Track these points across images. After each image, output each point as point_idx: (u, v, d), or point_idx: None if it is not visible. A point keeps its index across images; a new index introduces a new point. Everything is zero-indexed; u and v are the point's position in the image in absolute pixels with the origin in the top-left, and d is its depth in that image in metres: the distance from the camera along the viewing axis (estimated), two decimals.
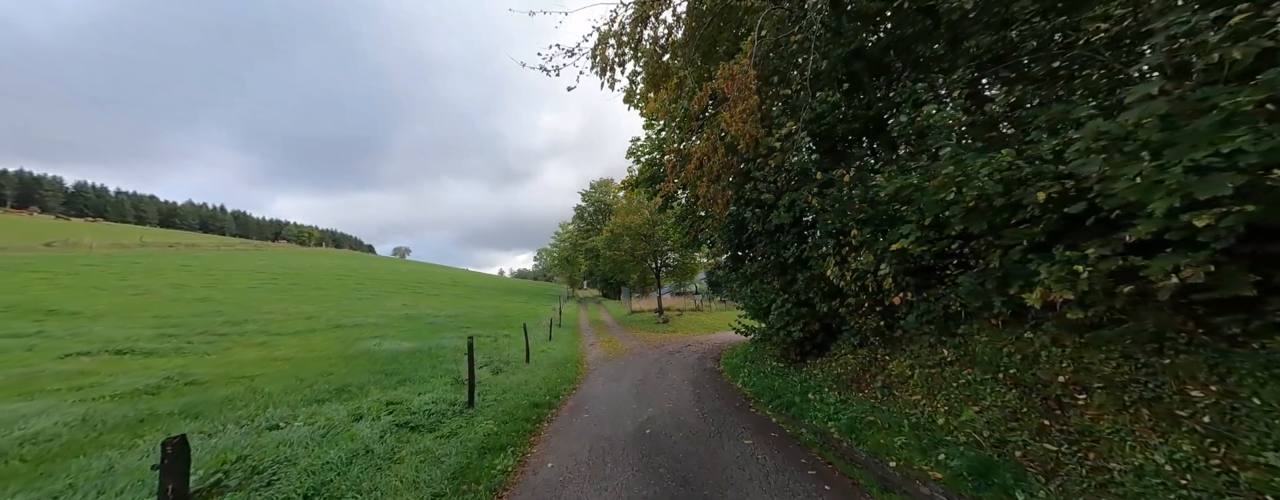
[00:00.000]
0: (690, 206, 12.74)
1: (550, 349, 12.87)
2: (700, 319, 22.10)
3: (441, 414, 5.49)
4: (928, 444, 3.50)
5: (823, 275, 5.93)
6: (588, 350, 13.02)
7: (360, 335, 12.61)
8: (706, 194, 5.51)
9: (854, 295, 5.52)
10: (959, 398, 3.72)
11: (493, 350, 11.39)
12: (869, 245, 4.86)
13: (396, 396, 6.38)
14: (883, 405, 4.42)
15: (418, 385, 7.24)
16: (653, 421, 5.32)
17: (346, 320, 15.10)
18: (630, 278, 29.27)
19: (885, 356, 5.10)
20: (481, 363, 9.44)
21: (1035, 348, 3.37)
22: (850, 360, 5.74)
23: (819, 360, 6.62)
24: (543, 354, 11.79)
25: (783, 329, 6.80)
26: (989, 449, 3.09)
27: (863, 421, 4.29)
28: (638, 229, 23.37)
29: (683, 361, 10.34)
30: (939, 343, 4.37)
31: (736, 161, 5.52)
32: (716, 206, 5.60)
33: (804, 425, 4.79)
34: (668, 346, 13.42)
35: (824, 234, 5.58)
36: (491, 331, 15.12)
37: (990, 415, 3.32)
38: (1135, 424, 2.49)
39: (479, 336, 13.66)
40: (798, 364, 7.01)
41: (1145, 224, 2.27)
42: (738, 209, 7.01)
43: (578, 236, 48.60)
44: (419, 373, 8.20)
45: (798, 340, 6.77)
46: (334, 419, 5.21)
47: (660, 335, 16.62)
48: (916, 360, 4.51)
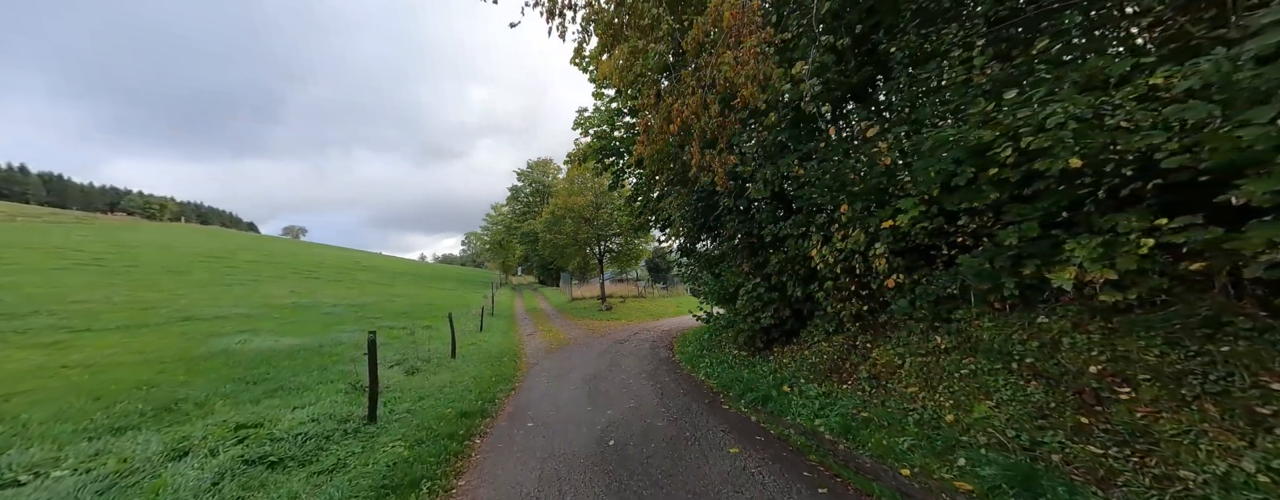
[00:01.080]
0: (644, 185, 11.87)
1: (482, 341, 11.44)
2: (644, 306, 21.65)
3: (325, 437, 4.11)
4: (941, 447, 3.07)
5: (800, 256, 5.45)
6: (526, 341, 11.79)
7: (220, 330, 10.03)
8: (698, 162, 4.64)
9: (834, 278, 5.10)
10: (965, 391, 3.36)
11: (408, 346, 9.70)
12: (861, 222, 4.38)
13: (257, 414, 4.77)
14: (874, 399, 4.00)
15: (295, 396, 5.60)
16: (615, 428, 4.47)
17: (203, 311, 12.08)
18: (570, 263, 27.93)
19: (867, 344, 4.74)
20: (392, 361, 7.88)
21: (1053, 334, 3.06)
22: (825, 348, 5.36)
23: (787, 348, 6.23)
24: (472, 347, 10.36)
25: (751, 315, 6.30)
26: (1019, 452, 2.70)
27: (856, 419, 3.84)
28: (581, 211, 22.07)
29: (634, 351, 9.61)
30: (931, 329, 4.03)
31: (733, 120, 4.70)
32: (717, 175, 4.75)
33: (788, 424, 4.25)
34: (615, 335, 12.65)
35: (806, 210, 5.05)
36: (408, 323, 13.16)
37: (1011, 411, 2.95)
38: (1204, 423, 2.17)
39: (391, 329, 11.76)
40: (763, 352, 6.58)
41: (1261, 183, 1.85)
42: (708, 182, 6.29)
43: (513, 219, 45.59)
44: (301, 378, 6.46)
45: (765, 327, 6.32)
46: (136, 458, 3.61)
47: (605, 323, 15.80)
48: (906, 348, 4.15)
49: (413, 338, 10.70)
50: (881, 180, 4.20)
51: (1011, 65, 3.53)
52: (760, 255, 6.27)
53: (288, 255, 37.15)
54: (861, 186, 4.36)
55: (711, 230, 7.34)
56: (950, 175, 3.61)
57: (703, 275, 7.62)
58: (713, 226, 7.14)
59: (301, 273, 26.30)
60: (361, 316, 13.81)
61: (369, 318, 13.67)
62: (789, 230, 5.31)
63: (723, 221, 6.56)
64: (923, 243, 4.13)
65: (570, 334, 13.04)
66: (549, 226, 24.27)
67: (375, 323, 12.66)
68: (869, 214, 4.41)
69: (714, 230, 7.24)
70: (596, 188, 22.85)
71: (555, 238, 23.74)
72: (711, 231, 7.38)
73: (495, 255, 49.67)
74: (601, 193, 22.88)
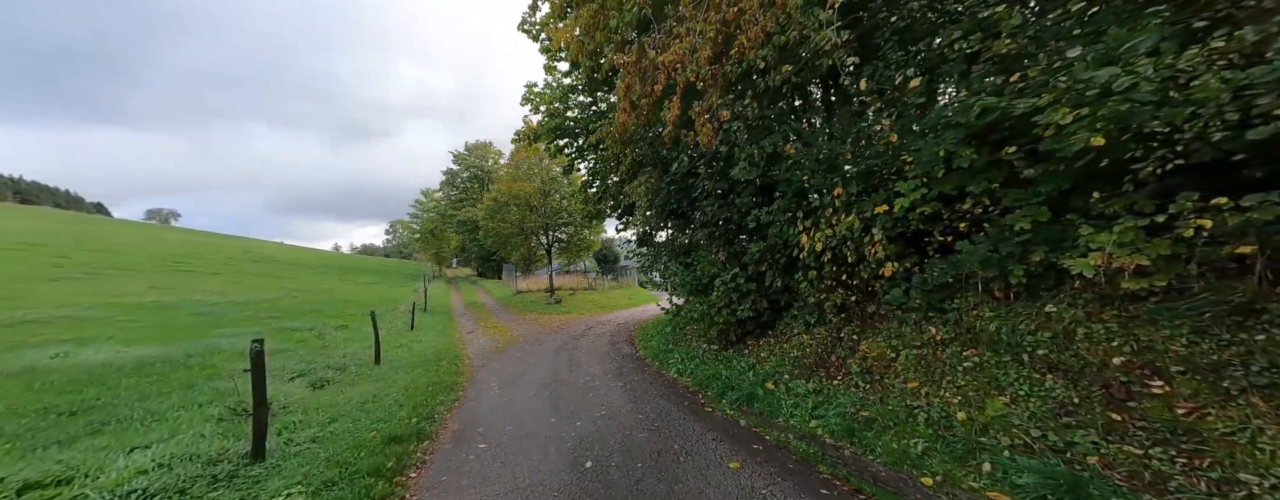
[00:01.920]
0: (602, 169, 11.07)
1: (414, 342, 10.09)
2: (595, 298, 20.94)
3: (181, 491, 2.97)
4: (961, 450, 2.83)
5: (782, 244, 5.12)
6: (468, 341, 10.61)
7: (29, 338, 7.63)
8: (676, 116, 3.99)
9: (818, 267, 4.83)
10: (974, 386, 3.17)
11: (316, 351, 8.16)
12: (856, 206, 4.09)
13: (65, 465, 3.29)
14: (872, 396, 3.75)
15: (138, 431, 4.15)
16: (589, 445, 3.82)
17: (4, 315, 9.17)
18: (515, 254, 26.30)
19: (854, 336, 4.52)
20: (293, 371, 6.50)
21: (1066, 324, 2.93)
22: (806, 341, 5.11)
23: (762, 341, 5.95)
24: (402, 350, 9.05)
25: (727, 307, 5.91)
26: (1049, 455, 2.50)
27: (857, 419, 3.55)
28: (527, 198, 20.65)
29: (593, 348, 8.95)
30: (925, 320, 3.86)
31: (730, 68, 4.10)
32: (703, 135, 4.14)
33: (782, 427, 3.89)
34: (568, 330, 11.86)
35: (793, 194, 4.69)
36: (316, 323, 11.29)
37: (1031, 408, 2.77)
38: (1257, 420, 2.04)
39: (292, 332, 9.97)
40: (737, 346, 6.26)
41: None
42: (688, 160, 5.73)
43: (448, 206, 42.12)
44: (152, 403, 4.93)
45: (741, 320, 5.98)
46: None
47: (556, 317, 14.90)
48: (900, 340, 3.96)
49: (323, 341, 9.07)
50: (878, 161, 3.92)
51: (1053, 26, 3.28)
52: (737, 243, 5.89)
53: (149, 243, 30.97)
54: (858, 167, 4.06)
55: (682, 217, 6.84)
56: (952, 156, 3.38)
57: (671, 266, 7.13)
58: (685, 213, 6.64)
59: (168, 264, 21.96)
60: (251, 316, 11.60)
61: (262, 317, 11.52)
62: (775, 216, 4.94)
63: (698, 206, 6.07)
64: (917, 229, 3.93)
65: (518, 330, 12.02)
66: (491, 214, 22.52)
67: (270, 323, 10.68)
68: (863, 198, 4.13)
69: (686, 217, 6.74)
70: (543, 173, 21.51)
71: (498, 226, 22.08)
72: (682, 218, 6.88)
73: (427, 245, 45.65)
74: (549, 179, 21.60)
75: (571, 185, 21.57)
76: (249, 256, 33.50)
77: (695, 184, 5.93)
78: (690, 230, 6.39)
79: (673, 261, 7.23)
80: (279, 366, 6.76)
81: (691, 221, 6.52)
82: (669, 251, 7.42)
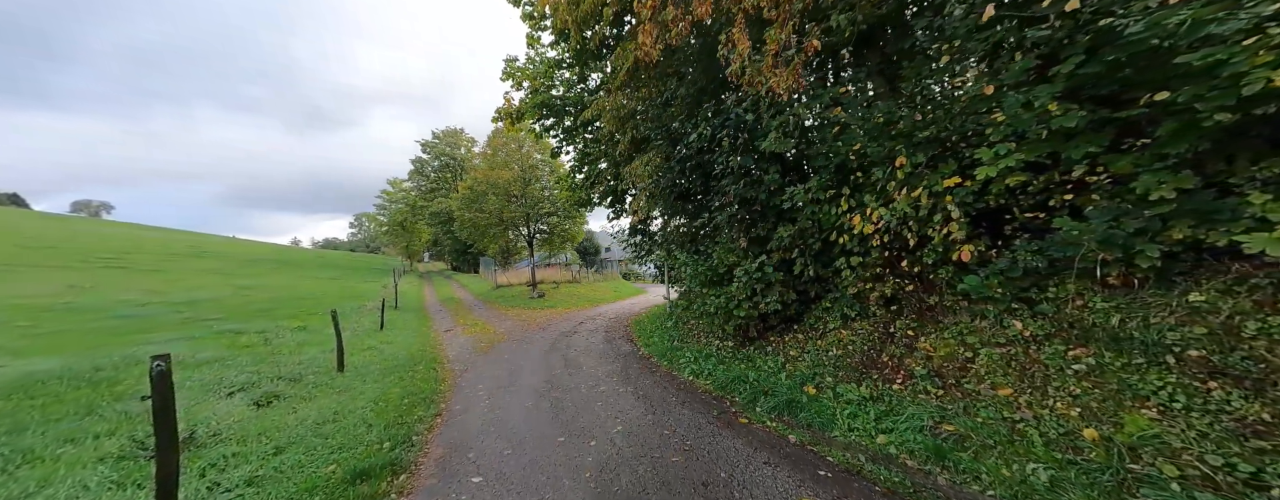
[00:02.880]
0: (594, 152, 10.12)
1: (384, 344, 9.00)
2: (579, 291, 20.04)
3: None
4: (1108, 481, 2.22)
5: (816, 227, 4.46)
6: (446, 340, 9.60)
7: None
8: (745, 52, 3.18)
9: (863, 252, 4.18)
10: (1096, 395, 2.58)
11: (262, 360, 6.99)
12: (922, 179, 3.43)
13: None
14: (950, 406, 3.14)
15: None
16: (613, 475, 3.05)
17: None
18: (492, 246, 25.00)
19: (908, 331, 3.91)
20: (234, 385, 5.44)
21: (1225, 316, 2.36)
22: (845, 337, 4.48)
23: (786, 336, 5.31)
24: (370, 354, 7.99)
25: (748, 299, 5.22)
26: (1251, 493, 1.91)
27: (941, 435, 2.93)
28: (506, 186, 19.42)
29: (589, 346, 8.15)
30: (1008, 312, 3.26)
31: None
32: (783, 78, 3.34)
33: (843, 444, 3.24)
34: (557, 325, 10.99)
35: (834, 168, 4.01)
36: (269, 325, 10.00)
37: (1195, 426, 2.19)
38: None
39: (237, 335, 8.72)
40: (756, 342, 5.61)
41: None
42: (711, 130, 4.95)
43: (418, 197, 39.93)
44: (27, 437, 3.76)
45: (763, 313, 5.31)
46: None
47: (541, 312, 13.96)
48: (975, 337, 3.36)
49: (270, 347, 7.86)
50: (951, 124, 3.27)
51: None
52: (761, 227, 5.19)
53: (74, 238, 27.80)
54: (927, 132, 3.39)
55: (693, 200, 6.08)
56: (1047, 114, 2.74)
57: (677, 255, 6.38)
58: (697, 195, 5.88)
59: (95, 261, 19.61)
60: (189, 318, 10.16)
61: (203, 319, 10.10)
62: (813, 194, 4.24)
63: (716, 187, 5.31)
64: (997, 205, 3.31)
65: (502, 327, 11.05)
66: (467, 204, 21.16)
67: (211, 326, 9.33)
68: (929, 169, 3.48)
69: (697, 199, 5.98)
70: (524, 160, 20.30)
71: (475, 216, 20.77)
72: (692, 201, 6.12)
73: (396, 239, 43.29)
74: (530, 166, 20.42)
75: (554, 173, 20.47)
76: (194, 251, 30.62)
77: (713, 160, 5.17)
78: (707, 214, 5.63)
79: (680, 250, 6.49)
80: (214, 380, 5.65)
81: (705, 205, 5.77)
82: (675, 239, 6.67)
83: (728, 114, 4.83)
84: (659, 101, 6.19)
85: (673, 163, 5.82)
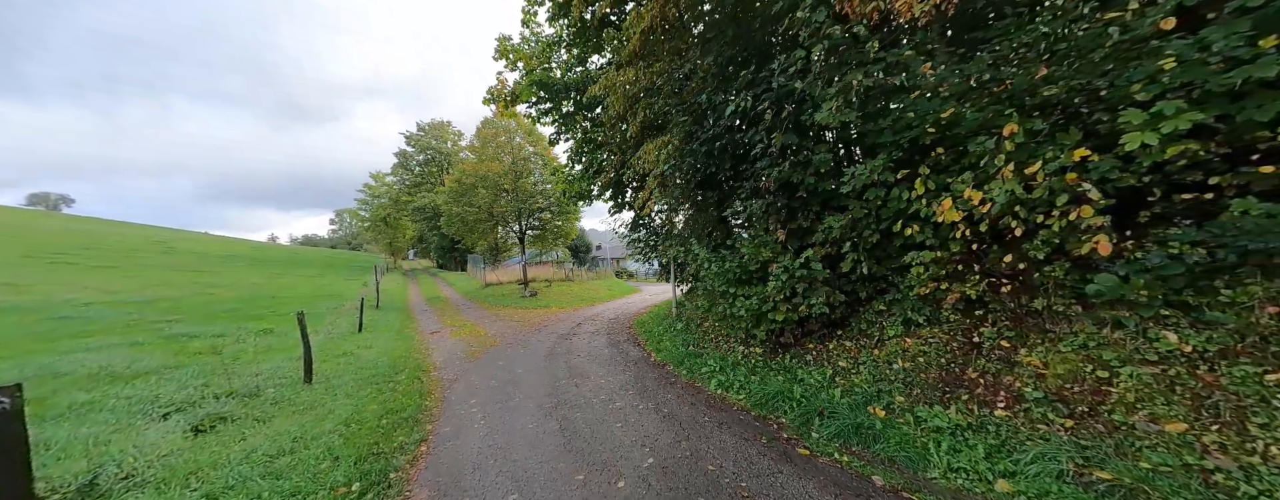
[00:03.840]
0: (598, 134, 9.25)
1: (361, 349, 8.06)
2: (572, 290, 19.22)
3: None
4: None
5: (871, 216, 3.75)
6: (432, 344, 8.68)
7: None
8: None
9: (941, 244, 3.48)
10: None
11: (214, 370, 5.96)
12: (1042, 151, 2.72)
13: None
14: (1092, 443, 2.44)
15: None
16: None
17: None
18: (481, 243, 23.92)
19: (1004, 343, 3.22)
20: (172, 404, 4.51)
21: None
22: (911, 347, 3.78)
23: (828, 343, 4.60)
24: (345, 361, 7.07)
25: (788, 301, 4.49)
26: None
27: (1093, 484, 2.22)
28: (497, 179, 18.41)
29: (592, 350, 7.35)
30: (1157, 321, 2.58)
31: None
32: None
33: (951, 493, 2.52)
34: (554, 327, 10.15)
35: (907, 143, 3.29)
36: (229, 328, 8.94)
37: None
38: None
39: (190, 340, 7.69)
40: (793, 349, 4.89)
41: None
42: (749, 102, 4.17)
43: (401, 192, 38.39)
44: None
45: (802, 317, 4.59)
46: None
47: (535, 312, 13.09)
48: (1114, 352, 2.66)
49: (222, 356, 6.80)
50: (1080, 80, 2.56)
51: None
52: (803, 217, 4.46)
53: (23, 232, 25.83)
54: (1061, 86, 2.67)
55: (717, 187, 5.32)
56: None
57: (696, 250, 5.62)
58: (725, 180, 5.11)
59: (42, 257, 18.06)
60: (137, 320, 9.03)
61: (153, 321, 8.99)
62: (878, 175, 3.51)
63: (749, 170, 4.55)
64: (1141, 183, 2.62)
65: (494, 329, 10.17)
66: (455, 198, 20.06)
67: (162, 329, 8.27)
68: (1046, 141, 2.78)
69: (723, 186, 5.22)
70: (516, 152, 19.30)
71: (464, 211, 19.70)
72: (717, 189, 5.36)
73: (379, 235, 41.63)
74: (521, 159, 19.42)
75: (547, 166, 19.51)
76: (160, 247, 28.79)
77: (747, 139, 4.41)
78: (739, 202, 4.87)
79: (701, 244, 5.72)
80: (149, 397, 4.69)
81: (734, 192, 5.01)
82: (695, 232, 5.91)
83: (770, 81, 4.07)
84: (680, 74, 5.41)
85: (697, 144, 5.05)
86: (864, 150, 4.13)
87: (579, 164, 11.25)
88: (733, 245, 5.17)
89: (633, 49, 5.97)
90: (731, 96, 4.41)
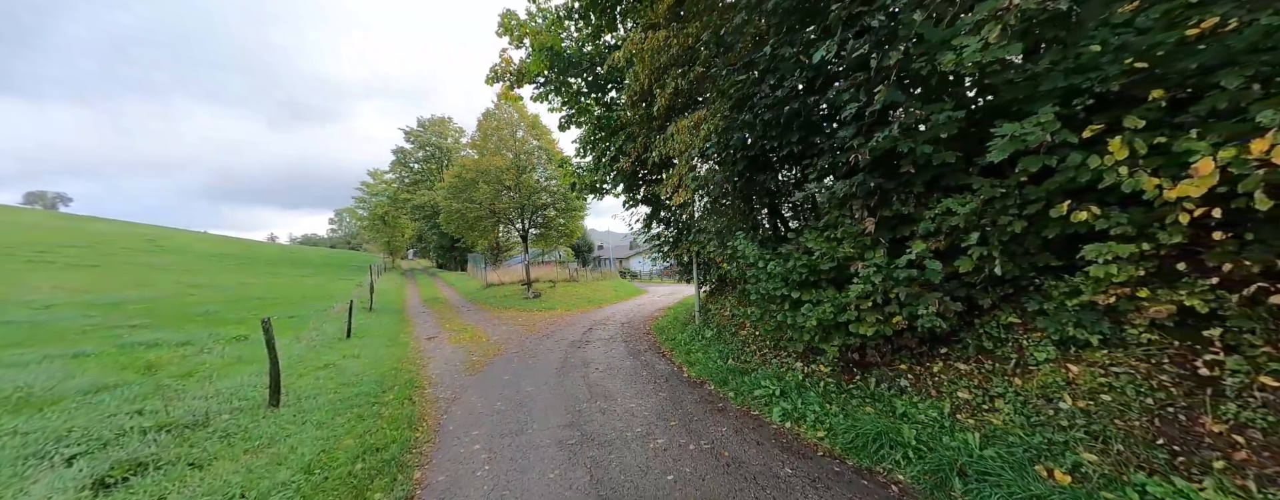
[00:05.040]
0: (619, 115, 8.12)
1: (346, 359, 7.02)
2: (577, 291, 18.19)
3: None
4: None
5: (1015, 196, 2.73)
6: (428, 353, 7.65)
7: None
8: None
9: (1138, 236, 2.45)
10: None
11: (160, 389, 4.84)
12: None
13: None
14: None
15: None
16: None
17: None
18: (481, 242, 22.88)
19: (1269, 380, 2.18)
20: (82, 442, 3.44)
21: None
22: (1080, 376, 2.74)
23: (930, 364, 3.57)
24: (325, 374, 6.04)
25: (875, 310, 3.45)
26: None
27: None
28: (499, 174, 17.37)
29: (611, 362, 6.31)
30: None
31: None
32: None
33: None
34: (563, 332, 9.12)
35: (1094, 95, 2.26)
36: (200, 334, 7.89)
37: None
38: None
39: (153, 348, 6.65)
40: (876, 369, 3.85)
41: None
42: (835, 47, 3.14)
43: (399, 189, 37.32)
44: None
45: (898, 330, 3.54)
46: None
47: (540, 315, 12.07)
48: None
49: (151, 372, 5.64)
50: None
51: None
52: (901, 201, 3.42)
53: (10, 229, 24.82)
54: None
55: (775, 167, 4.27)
56: None
57: (738, 246, 4.59)
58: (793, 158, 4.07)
59: (20, 255, 17.05)
60: (97, 324, 8.00)
61: (115, 325, 7.96)
62: (1048, 132, 2.45)
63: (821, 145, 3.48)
64: None
65: (497, 334, 9.14)
66: (454, 193, 19.01)
67: (121, 336, 7.24)
68: None
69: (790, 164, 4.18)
70: (519, 146, 18.25)
71: (464, 207, 18.65)
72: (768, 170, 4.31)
73: (377, 234, 40.57)
74: (524, 153, 18.37)
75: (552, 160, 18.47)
76: (152, 246, 27.77)
77: (829, 101, 3.36)
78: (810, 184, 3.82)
79: (745, 238, 4.68)
80: (59, 430, 3.64)
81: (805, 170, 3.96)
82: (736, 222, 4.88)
83: (867, 17, 3.03)
84: (727, 29, 4.38)
85: (755, 110, 4.00)
86: (996, 109, 3.10)
87: (589, 154, 10.22)
88: (792, 239, 4.14)
89: (668, 4, 4.94)
90: (798, 49, 3.36)
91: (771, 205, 4.80)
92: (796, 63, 3.68)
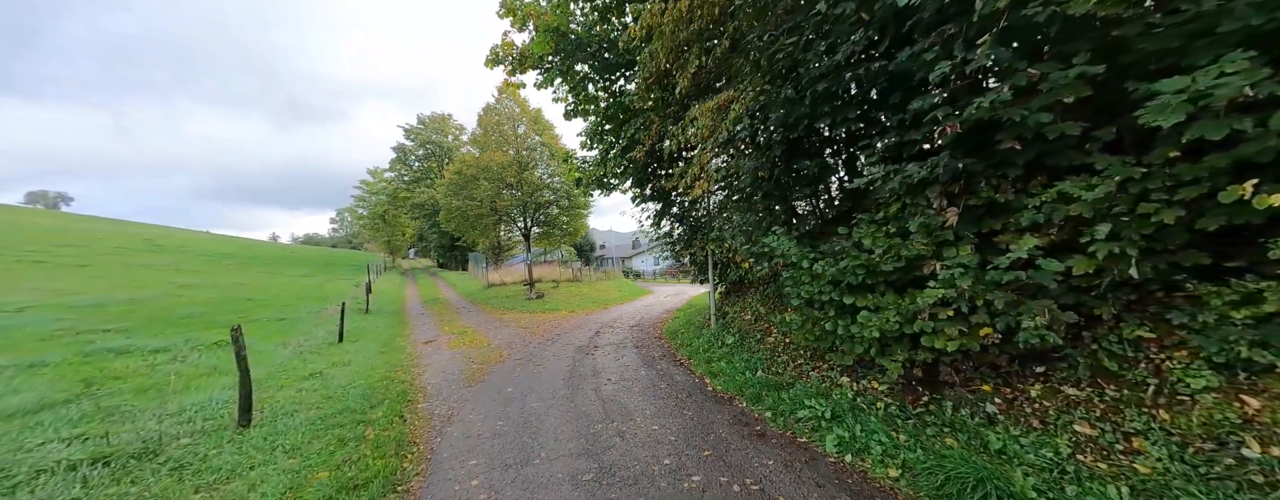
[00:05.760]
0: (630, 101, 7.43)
1: (334, 367, 6.40)
2: (581, 291, 17.57)
3: None
4: None
5: (1167, 181, 2.08)
6: (424, 360, 7.01)
7: None
8: None
9: None
10: None
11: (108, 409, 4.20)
12: None
13: None
14: None
15: None
16: None
17: None
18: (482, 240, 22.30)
19: None
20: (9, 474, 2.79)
21: None
22: (1262, 414, 2.10)
23: (1018, 387, 2.91)
24: (308, 385, 5.40)
25: (959, 320, 2.80)
26: None
27: None
28: (500, 171, 16.76)
29: (624, 371, 5.67)
30: None
31: None
32: None
33: None
34: (568, 336, 8.48)
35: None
36: (178, 339, 7.28)
37: None
38: None
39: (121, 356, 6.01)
40: (951, 389, 3.20)
41: None
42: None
43: (399, 188, 36.73)
44: None
45: (985, 346, 2.89)
46: None
47: (544, 317, 11.44)
48: None
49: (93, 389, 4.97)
50: None
51: None
52: (994, 186, 2.77)
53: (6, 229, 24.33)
54: None
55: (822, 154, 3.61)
56: None
57: (774, 244, 3.95)
58: (867, 135, 3.41)
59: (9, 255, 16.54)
60: (67, 328, 7.39)
61: (88, 330, 7.36)
62: (1257, 88, 1.81)
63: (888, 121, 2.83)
64: None
65: (499, 337, 8.52)
66: (455, 190, 18.42)
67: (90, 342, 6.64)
68: None
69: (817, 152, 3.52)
70: (520, 142, 17.65)
71: (465, 205, 18.05)
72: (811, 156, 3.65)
73: (377, 233, 40.00)
74: (526, 149, 17.77)
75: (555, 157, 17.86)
76: (150, 246, 27.25)
77: (904, 65, 2.71)
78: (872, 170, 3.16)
79: (783, 233, 4.04)
80: None
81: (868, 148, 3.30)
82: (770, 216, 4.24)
83: None
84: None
85: (801, 83, 3.35)
86: (1120, 71, 2.44)
87: (596, 147, 9.57)
88: (843, 234, 3.49)
89: None
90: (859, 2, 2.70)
91: (813, 195, 4.16)
92: (858, 21, 3.03)
